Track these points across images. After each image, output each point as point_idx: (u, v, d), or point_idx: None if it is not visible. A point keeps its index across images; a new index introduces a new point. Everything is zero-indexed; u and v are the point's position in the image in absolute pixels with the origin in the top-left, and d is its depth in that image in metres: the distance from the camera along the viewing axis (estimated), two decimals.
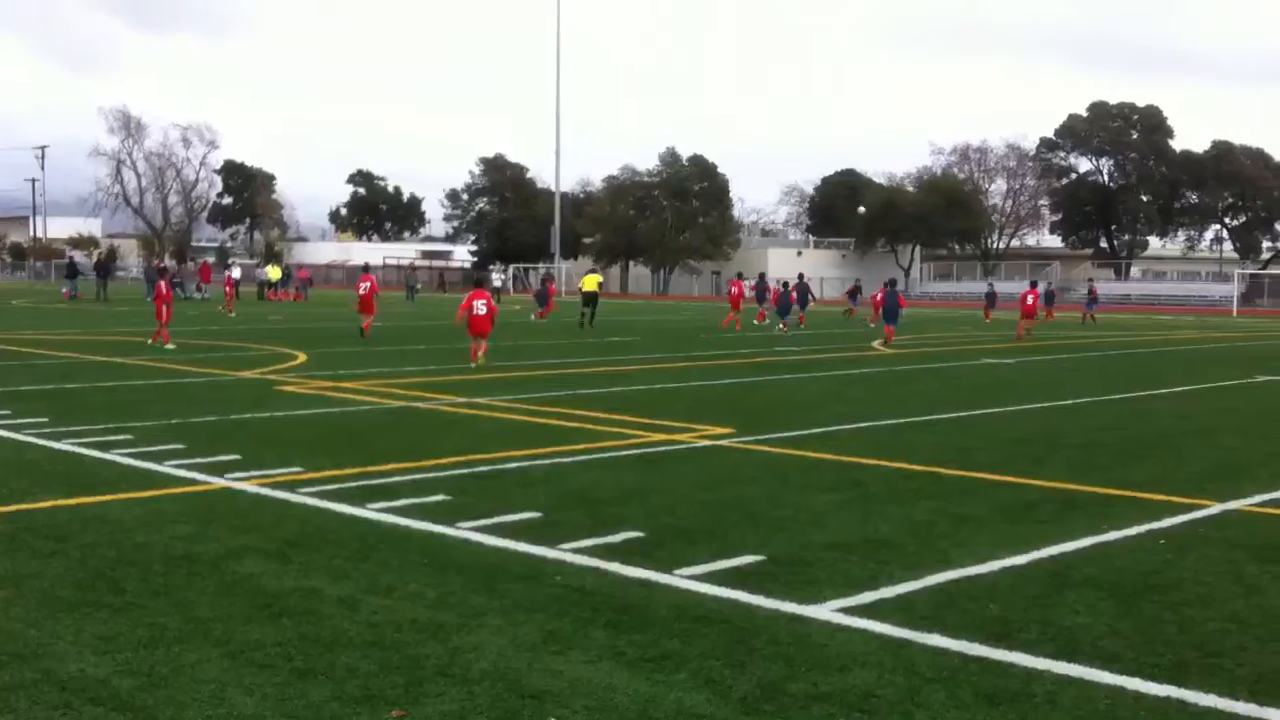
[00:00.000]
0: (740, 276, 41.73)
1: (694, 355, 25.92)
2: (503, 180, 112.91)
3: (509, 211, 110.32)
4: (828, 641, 5.75)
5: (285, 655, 5.44)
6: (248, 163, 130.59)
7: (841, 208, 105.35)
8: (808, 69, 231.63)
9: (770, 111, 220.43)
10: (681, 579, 6.82)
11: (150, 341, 25.07)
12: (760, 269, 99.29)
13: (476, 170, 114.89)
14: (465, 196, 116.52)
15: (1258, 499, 9.57)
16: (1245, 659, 5.61)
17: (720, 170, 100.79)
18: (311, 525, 8.10)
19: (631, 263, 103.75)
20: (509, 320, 36.36)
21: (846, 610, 6.26)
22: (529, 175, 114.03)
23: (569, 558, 7.26)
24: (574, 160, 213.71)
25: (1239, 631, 6.04)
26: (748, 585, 6.70)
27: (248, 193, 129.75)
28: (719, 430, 13.10)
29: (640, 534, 7.92)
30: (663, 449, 11.94)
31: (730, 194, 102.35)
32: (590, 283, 40.24)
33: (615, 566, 7.06)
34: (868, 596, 6.54)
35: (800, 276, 40.68)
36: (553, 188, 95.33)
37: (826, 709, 4.87)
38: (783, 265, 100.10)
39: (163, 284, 26.52)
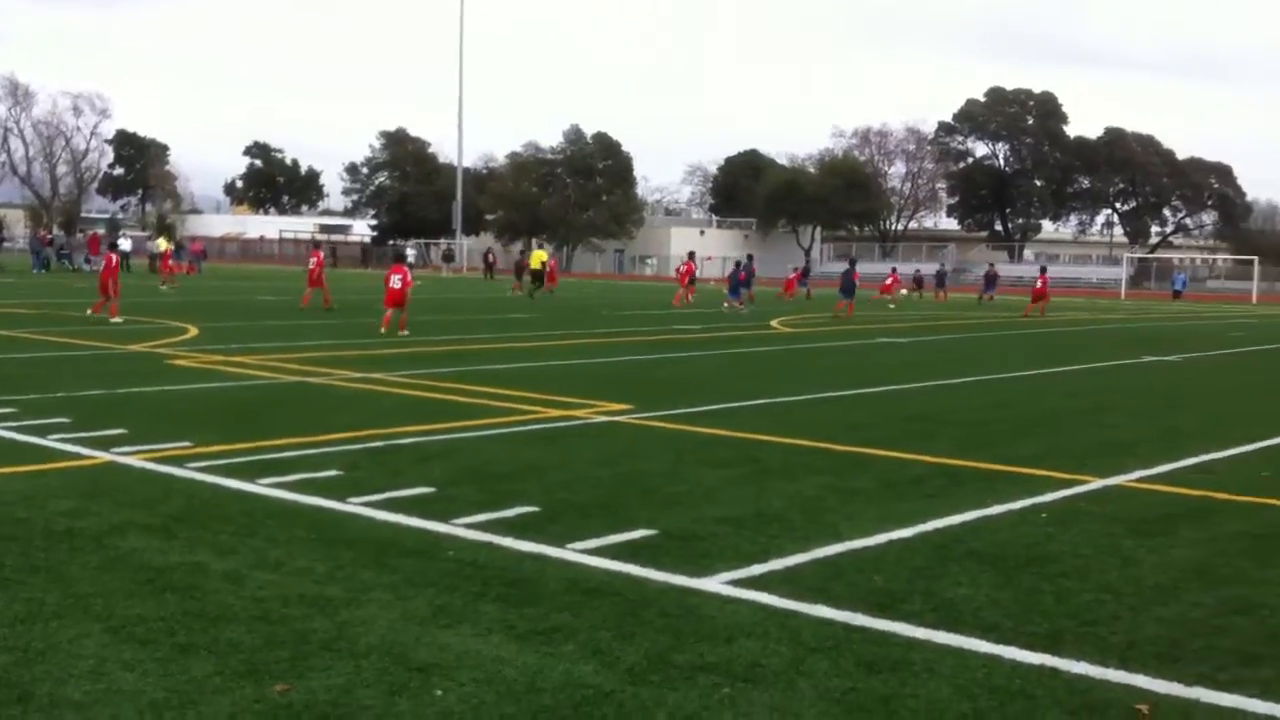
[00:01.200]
0: (691, 256, 43.95)
1: (595, 332, 25.93)
2: (404, 154, 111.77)
3: (410, 186, 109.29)
4: (716, 613, 5.81)
5: (168, 630, 5.35)
6: (141, 133, 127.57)
7: (744, 188, 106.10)
8: (712, 48, 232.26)
9: (675, 91, 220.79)
10: (574, 553, 6.84)
11: (112, 317, 24.38)
12: (663, 248, 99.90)
13: (377, 144, 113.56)
14: (365, 170, 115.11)
15: (1137, 475, 9.86)
16: (1118, 628, 5.79)
17: (624, 149, 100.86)
18: (198, 500, 7.97)
19: (534, 240, 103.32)
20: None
21: (736, 582, 6.33)
22: (431, 150, 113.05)
23: (462, 532, 7.24)
24: (477, 136, 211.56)
25: (1113, 601, 6.23)
26: (640, 559, 6.74)
27: (140, 163, 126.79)
28: (617, 406, 13.13)
29: (535, 509, 7.92)
30: (561, 425, 11.94)
31: (634, 172, 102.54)
32: (537, 259, 44.90)
33: (508, 541, 7.05)
34: (757, 569, 6.62)
35: (749, 258, 42.78)
36: (455, 163, 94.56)
37: (712, 679, 4.93)
38: (686, 244, 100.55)
39: (113, 256, 25.88)
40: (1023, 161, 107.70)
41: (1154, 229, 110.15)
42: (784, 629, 5.60)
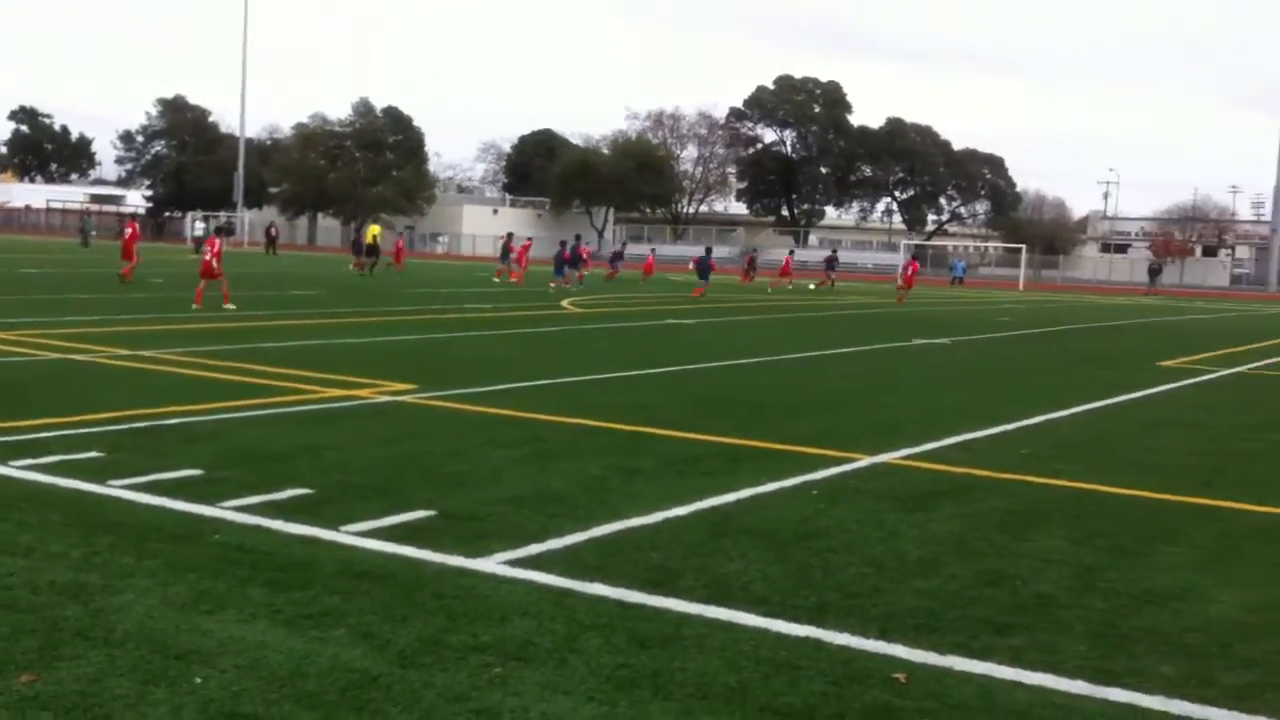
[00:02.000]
0: (528, 239, 47.55)
1: (380, 310, 25.49)
2: (182, 123, 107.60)
3: (188, 156, 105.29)
4: (491, 593, 5.78)
5: None
6: None
7: (538, 167, 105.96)
8: (506, 26, 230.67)
9: (469, 67, 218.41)
10: (348, 536, 6.70)
11: None
12: (455, 225, 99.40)
13: (154, 111, 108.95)
14: (141, 139, 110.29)
15: (904, 452, 10.26)
16: (880, 599, 6.01)
17: (416, 124, 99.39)
18: None
19: (320, 214, 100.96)
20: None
21: (513, 563, 6.31)
22: (211, 119, 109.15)
23: (230, 516, 7.00)
24: (261, 106, 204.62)
25: (876, 575, 6.46)
26: (417, 540, 6.65)
27: None
28: (400, 386, 12.93)
29: (308, 491, 7.71)
30: (341, 405, 11.68)
31: (426, 148, 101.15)
32: (371, 234, 46.95)
33: (279, 524, 6.86)
34: (535, 549, 6.61)
35: (577, 238, 44.89)
36: (237, 133, 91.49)
37: (483, 659, 4.90)
38: (479, 223, 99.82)
39: None
40: (809, 149, 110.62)
41: (930, 217, 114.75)
42: (559, 607, 5.61)
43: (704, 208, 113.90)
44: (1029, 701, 4.78)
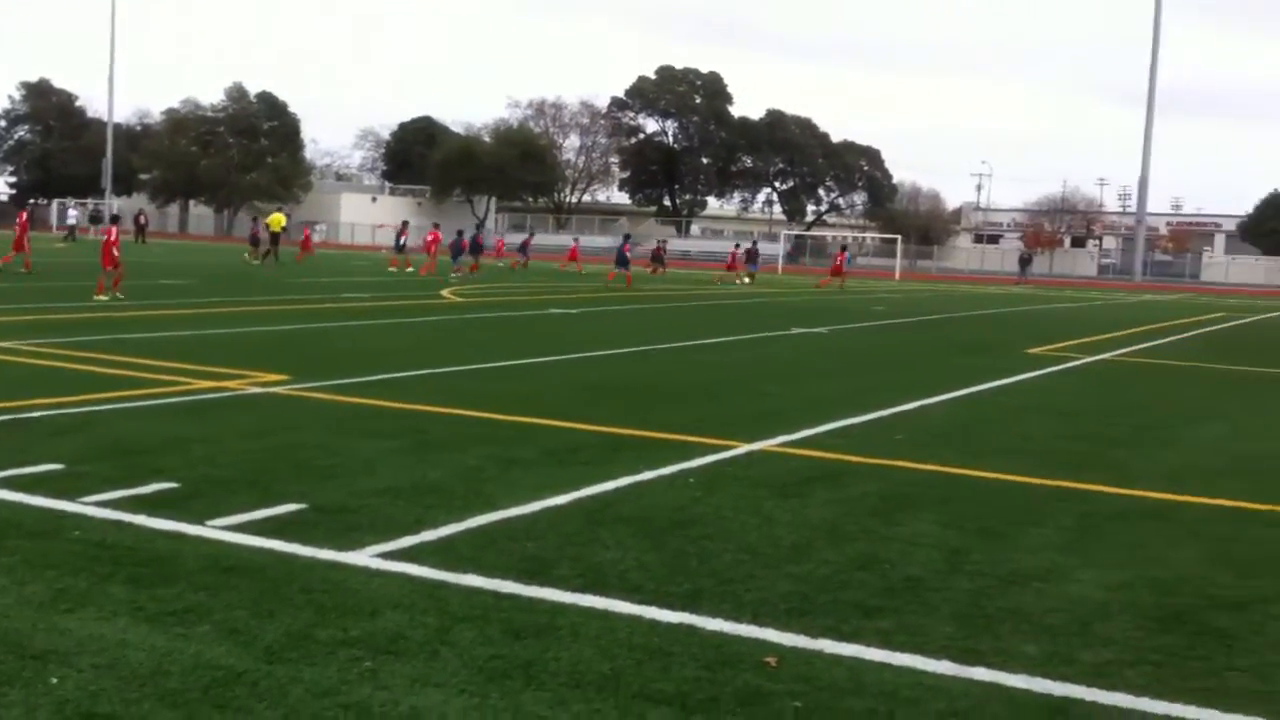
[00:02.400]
0: (435, 226, 48.46)
1: (253, 300, 24.98)
2: (47, 107, 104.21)
3: (54, 142, 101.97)
4: (362, 587, 5.70)
5: None
6: None
7: (419, 154, 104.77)
8: (385, 11, 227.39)
9: (346, 53, 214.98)
10: (215, 530, 6.54)
11: None
12: (333, 214, 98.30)
13: (17, 95, 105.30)
14: (3, 123, 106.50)
15: (781, 439, 10.36)
16: (754, 585, 6.06)
17: (291, 110, 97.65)
18: None
19: (192, 202, 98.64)
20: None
21: (385, 555, 6.23)
22: (78, 104, 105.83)
23: (91, 511, 6.79)
24: (131, 91, 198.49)
25: (750, 561, 6.51)
26: (286, 534, 6.52)
27: None
28: (273, 377, 12.68)
29: (174, 485, 7.52)
30: (210, 397, 11.41)
31: (302, 135, 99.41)
32: (276, 223, 47.37)
33: (142, 519, 6.67)
34: (408, 541, 6.53)
35: (477, 228, 46.10)
36: (105, 118, 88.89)
37: (353, 653, 4.82)
38: (357, 211, 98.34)
39: None
40: (691, 139, 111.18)
41: (810, 207, 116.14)
42: (432, 599, 5.55)
43: (587, 197, 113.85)
44: (896, 682, 4.86)
